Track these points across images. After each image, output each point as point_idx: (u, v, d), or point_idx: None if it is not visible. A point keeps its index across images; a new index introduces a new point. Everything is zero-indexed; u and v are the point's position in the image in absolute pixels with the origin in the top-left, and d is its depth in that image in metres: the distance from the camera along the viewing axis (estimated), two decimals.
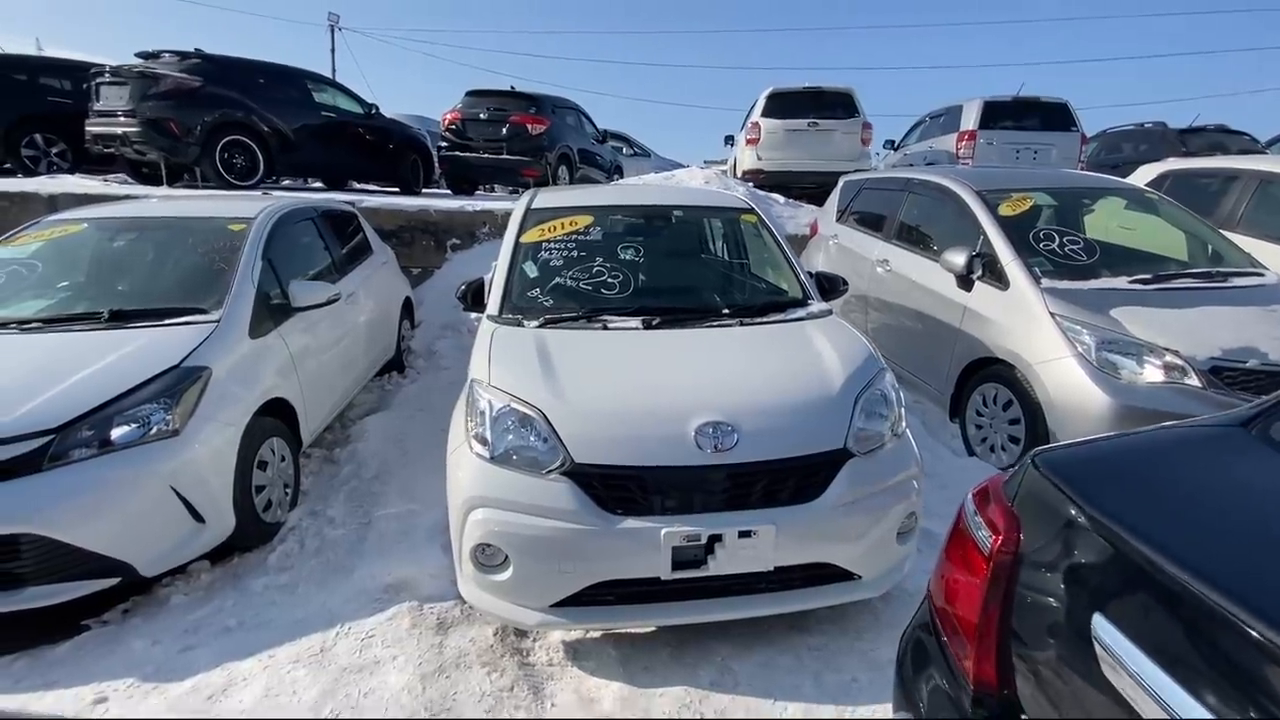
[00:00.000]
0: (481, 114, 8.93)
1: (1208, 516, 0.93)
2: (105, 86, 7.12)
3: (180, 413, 2.63)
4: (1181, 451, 1.08)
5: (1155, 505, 0.94)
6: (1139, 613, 0.85)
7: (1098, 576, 0.91)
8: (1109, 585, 0.89)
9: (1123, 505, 0.93)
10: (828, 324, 2.80)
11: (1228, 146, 9.20)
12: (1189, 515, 0.93)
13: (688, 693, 2.09)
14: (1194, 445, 1.09)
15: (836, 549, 2.18)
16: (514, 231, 3.21)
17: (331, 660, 2.20)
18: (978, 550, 1.11)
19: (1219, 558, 0.83)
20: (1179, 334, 3.04)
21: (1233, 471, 1.01)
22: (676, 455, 2.07)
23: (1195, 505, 0.95)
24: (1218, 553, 0.84)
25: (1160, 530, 0.88)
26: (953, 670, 1.15)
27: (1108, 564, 0.90)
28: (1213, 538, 0.88)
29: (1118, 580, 0.88)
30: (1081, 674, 0.91)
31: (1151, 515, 0.91)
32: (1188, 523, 0.91)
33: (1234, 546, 0.86)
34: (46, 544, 2.32)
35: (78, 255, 3.55)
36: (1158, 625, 0.82)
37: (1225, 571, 0.79)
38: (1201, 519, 0.92)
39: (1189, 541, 0.86)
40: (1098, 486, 0.98)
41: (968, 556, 1.14)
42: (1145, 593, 0.85)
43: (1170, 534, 0.87)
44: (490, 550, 2.10)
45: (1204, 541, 0.87)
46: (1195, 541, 0.86)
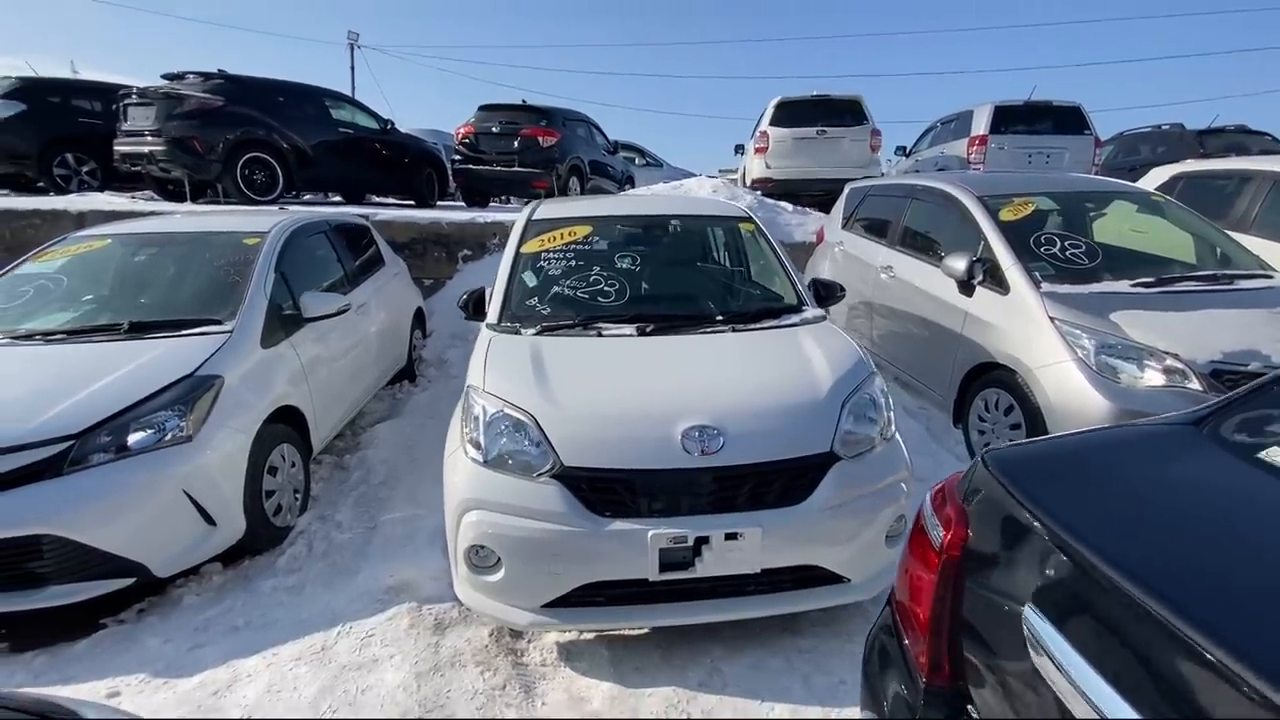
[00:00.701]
0: (494, 127, 9.10)
1: (1143, 514, 0.95)
2: (133, 107, 7.40)
3: (194, 419, 2.74)
4: (1130, 450, 1.10)
5: (1092, 502, 0.97)
6: (1068, 606, 0.88)
7: (1032, 570, 0.94)
8: (1042, 579, 0.92)
9: (1059, 502, 0.96)
10: (820, 329, 2.83)
11: (1248, 147, 9.04)
12: (1124, 512, 0.95)
13: (676, 693, 2.12)
14: (1143, 444, 1.11)
15: (824, 551, 2.21)
16: (515, 242, 3.30)
17: (332, 658, 2.27)
18: (931, 547, 1.15)
19: (1146, 554, 0.86)
20: (1180, 337, 3.01)
21: (1176, 470, 1.03)
22: (663, 458, 2.11)
23: (1132, 503, 0.97)
24: (1145, 549, 0.87)
25: (1092, 526, 0.91)
26: (909, 666, 1.18)
27: (1042, 558, 0.93)
28: (1143, 535, 0.91)
29: (1050, 574, 0.91)
30: (1019, 666, 0.94)
31: (1086, 512, 0.94)
32: (1121, 520, 0.93)
33: (1163, 544, 0.89)
34: (66, 545, 2.43)
35: (101, 269, 3.70)
36: (1084, 618, 0.85)
37: (1150, 568, 0.82)
38: (1136, 516, 0.95)
39: (1119, 538, 0.89)
40: (1038, 484, 1.01)
41: (923, 553, 1.18)
42: (1074, 587, 0.88)
43: (1102, 530, 0.90)
44: (483, 552, 2.16)
45: (1134, 538, 0.90)
46: (1125, 538, 0.89)
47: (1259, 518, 0.90)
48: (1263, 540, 0.87)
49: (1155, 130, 10.35)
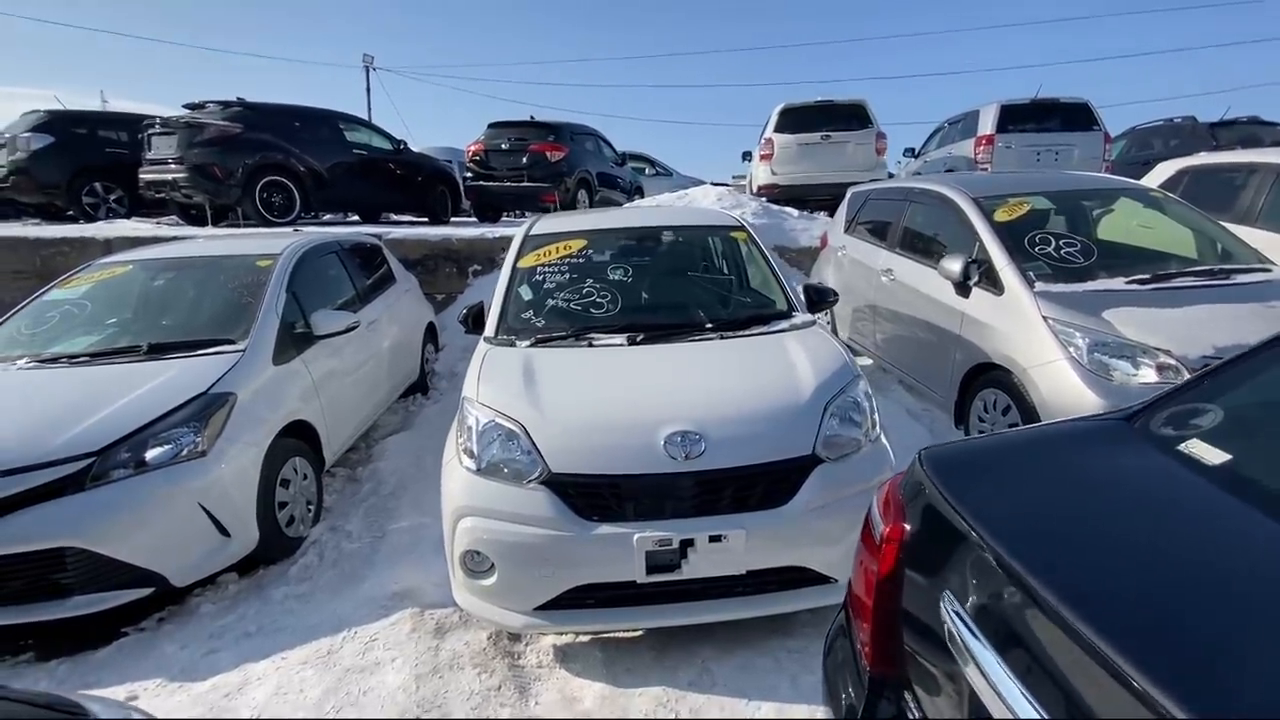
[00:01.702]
0: (503, 144, 9.29)
1: (1056, 509, 1.00)
2: (156, 136, 7.71)
3: (208, 435, 2.88)
4: (1058, 447, 1.14)
5: (1010, 499, 1.02)
6: (980, 599, 0.93)
7: (952, 564, 0.99)
8: (959, 573, 0.97)
9: (980, 496, 1.01)
10: (807, 334, 2.88)
11: (1261, 138, 8.88)
12: (1038, 508, 1.00)
13: (666, 693, 2.18)
14: (1073, 440, 1.16)
15: (809, 552, 2.25)
16: (512, 257, 3.40)
17: (337, 661, 2.37)
18: (874, 542, 1.20)
19: (1052, 549, 0.90)
20: (1172, 334, 3.01)
21: (1099, 465, 1.08)
22: (647, 463, 2.18)
23: (1048, 498, 1.02)
24: (1052, 544, 0.92)
25: (1005, 522, 0.96)
26: (856, 656, 1.23)
27: (960, 553, 0.98)
28: (1052, 530, 0.95)
29: (965, 568, 0.96)
30: (938, 652, 0.99)
31: (1003, 508, 0.99)
32: (1034, 515, 0.98)
33: (1070, 539, 0.93)
34: (88, 556, 2.57)
35: (123, 294, 3.89)
36: (992, 611, 0.90)
37: (1052, 562, 0.87)
38: (1049, 512, 0.99)
39: (1029, 533, 0.93)
40: (963, 481, 1.06)
41: (869, 548, 1.23)
42: (985, 580, 0.93)
43: (1013, 525, 0.95)
44: (478, 557, 2.25)
45: (1043, 533, 0.94)
46: (1035, 533, 0.94)
47: (1168, 511, 0.94)
48: (1168, 534, 0.91)
49: (1167, 124, 10.22)
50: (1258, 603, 0.76)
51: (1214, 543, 0.84)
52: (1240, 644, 0.70)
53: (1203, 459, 1.00)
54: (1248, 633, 0.71)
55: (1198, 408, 1.14)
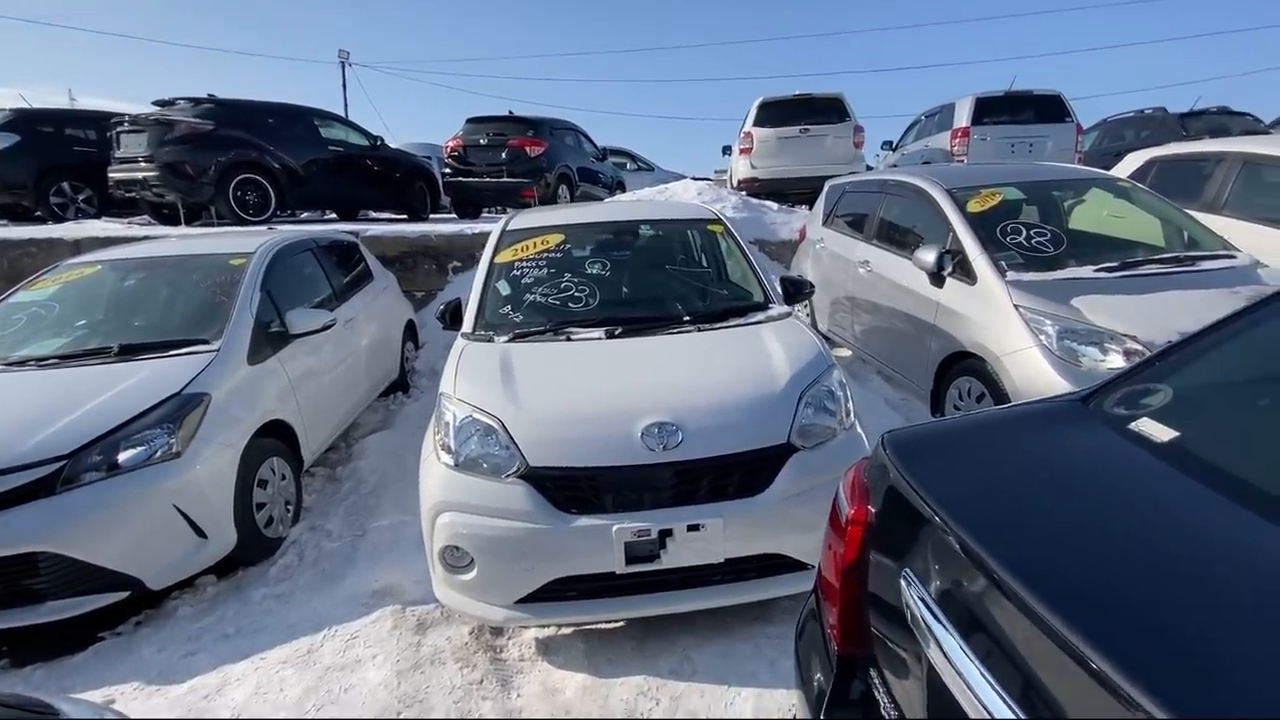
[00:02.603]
0: (482, 139, 9.22)
1: (1010, 488, 1.03)
2: (125, 134, 7.55)
3: (182, 436, 2.84)
4: (1015, 428, 1.18)
5: (965, 476, 1.04)
6: (937, 574, 0.96)
7: (911, 544, 1.02)
8: (918, 552, 1.00)
9: (936, 477, 1.03)
10: (783, 325, 2.91)
11: (1229, 128, 9.07)
12: (993, 487, 1.03)
13: (647, 681, 2.20)
14: (1029, 421, 1.19)
15: (787, 540, 2.28)
16: (489, 252, 3.39)
17: (317, 660, 2.36)
18: (840, 525, 1.23)
19: (1005, 527, 0.93)
20: (1138, 320, 3.08)
21: (1053, 445, 1.11)
22: (624, 455, 2.20)
23: (1003, 478, 1.05)
24: (1006, 522, 0.95)
25: (963, 500, 0.98)
26: (825, 638, 1.26)
27: (919, 533, 1.01)
28: (1006, 508, 0.98)
29: (921, 542, 0.99)
30: (900, 629, 1.02)
31: (957, 485, 1.02)
32: (988, 494, 1.01)
33: (1023, 517, 0.96)
34: (62, 561, 2.53)
35: (92, 295, 3.82)
36: (947, 588, 0.93)
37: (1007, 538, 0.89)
38: (1003, 490, 1.02)
39: (983, 511, 0.96)
40: (922, 462, 1.09)
41: (835, 529, 1.26)
42: (938, 552, 0.96)
43: (971, 503, 0.98)
44: (457, 552, 2.25)
45: (997, 512, 0.97)
46: (989, 511, 0.97)
47: (1119, 489, 0.97)
48: (1120, 512, 0.94)
49: (1138, 115, 10.39)
50: (1210, 577, 0.78)
51: (1164, 520, 0.87)
52: (1196, 619, 0.72)
53: (1152, 436, 1.03)
54: (1203, 608, 0.73)
55: (1148, 388, 1.17)
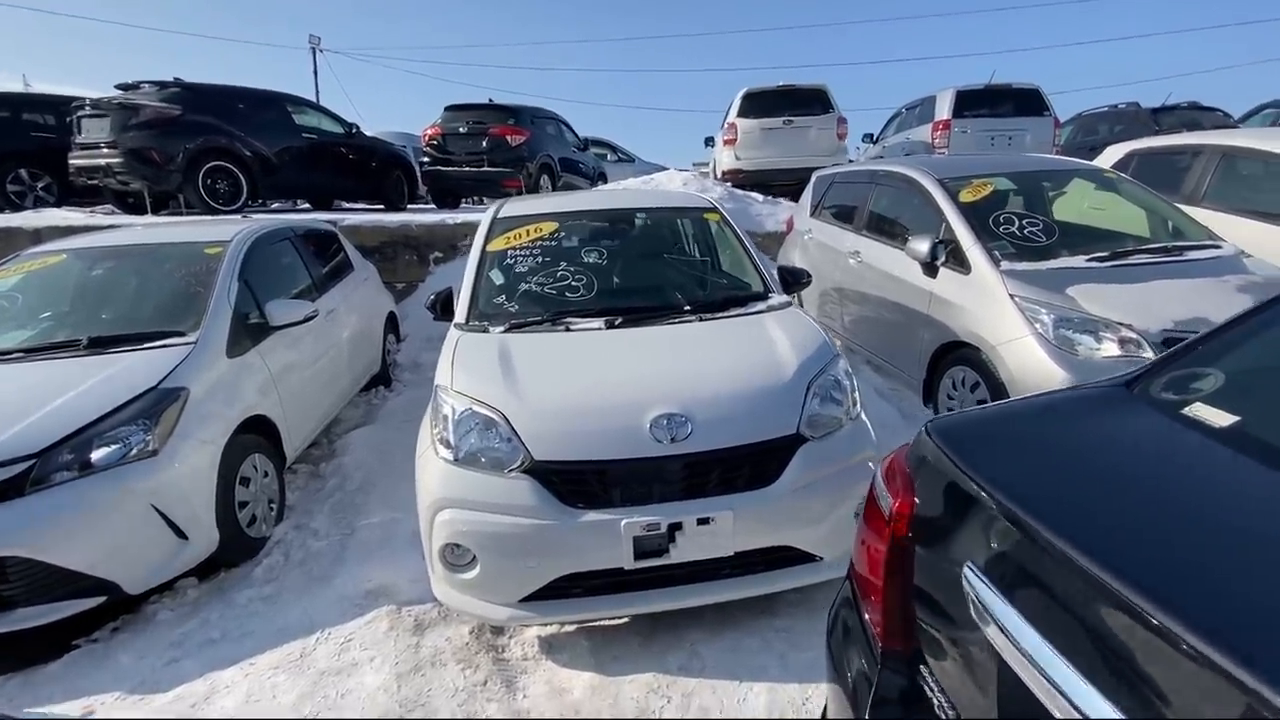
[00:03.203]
0: (461, 128, 9.03)
1: (1075, 473, 0.99)
2: (86, 119, 7.22)
3: (159, 433, 2.70)
4: (1064, 413, 1.14)
5: (1027, 465, 1.01)
6: (1006, 566, 0.92)
7: (973, 534, 0.97)
8: (981, 541, 0.95)
9: (995, 464, 0.99)
10: (785, 315, 2.87)
11: (1200, 123, 9.29)
12: (1057, 472, 0.99)
13: (656, 678, 2.15)
14: (1077, 407, 1.16)
15: (796, 532, 2.25)
16: (480, 241, 3.29)
17: (311, 664, 2.27)
18: (881, 516, 1.18)
19: (1078, 512, 0.89)
20: (1133, 309, 3.10)
21: (1107, 430, 1.08)
22: (633, 448, 2.13)
23: (1066, 463, 1.02)
24: (1078, 507, 0.91)
25: (1027, 487, 0.94)
26: (867, 635, 1.21)
27: (981, 522, 0.96)
28: (1075, 493, 0.94)
29: (988, 536, 0.94)
30: (959, 623, 0.98)
31: (1021, 474, 0.98)
32: (1054, 479, 0.97)
33: (1093, 501, 0.92)
34: (33, 566, 2.39)
35: (58, 285, 3.63)
36: (1021, 578, 0.89)
37: (1082, 525, 0.86)
38: (1069, 475, 0.99)
39: (1052, 497, 0.92)
40: (977, 449, 1.04)
41: (874, 522, 1.21)
42: (1011, 547, 0.92)
43: (1036, 490, 0.94)
44: (458, 550, 2.17)
45: (1067, 497, 0.93)
46: (1058, 497, 0.93)
47: (1183, 471, 0.95)
48: (1186, 492, 0.92)
49: (1112, 109, 10.60)
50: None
51: (1241, 504, 0.84)
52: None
53: (1209, 421, 1.00)
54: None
55: (1195, 373, 1.15)
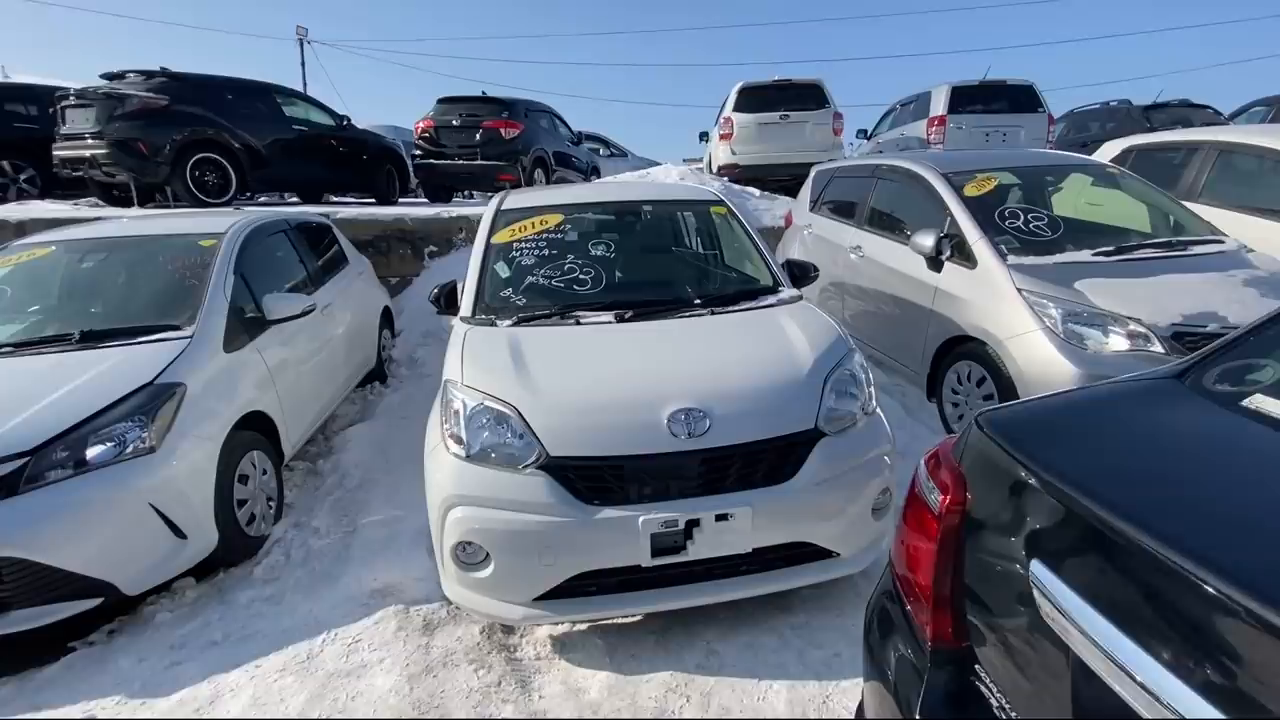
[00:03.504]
0: (454, 120, 8.92)
1: (1141, 464, 0.97)
2: (71, 109, 7.05)
3: (157, 429, 2.63)
4: (1118, 405, 1.12)
5: (1090, 455, 0.98)
6: (1075, 558, 0.89)
7: (1037, 527, 0.94)
8: (1047, 534, 0.93)
9: (1059, 456, 0.96)
10: (797, 309, 2.84)
11: (1191, 120, 9.37)
12: (1123, 464, 0.96)
13: (674, 677, 2.12)
14: (1131, 398, 1.13)
15: (814, 527, 2.22)
16: (485, 233, 3.23)
17: (318, 666, 2.21)
18: (929, 512, 1.15)
19: (1151, 503, 0.86)
20: (1141, 303, 3.10)
21: (1166, 421, 1.05)
22: (650, 443, 2.09)
23: (1129, 454, 0.99)
24: (1150, 498, 0.88)
25: (1093, 478, 0.91)
26: (913, 631, 1.18)
27: (1046, 514, 0.93)
28: (1145, 484, 0.92)
29: (1054, 528, 0.92)
30: (1023, 621, 0.94)
31: (1086, 464, 0.95)
32: (1121, 471, 0.94)
33: (1165, 492, 0.90)
34: (27, 567, 2.31)
35: (47, 278, 3.53)
36: (1092, 568, 0.86)
37: (1152, 513, 0.83)
38: (1135, 467, 0.96)
39: (1120, 487, 0.90)
40: (1036, 441, 1.01)
41: (921, 519, 1.18)
42: (1080, 539, 0.89)
43: (1103, 481, 0.91)
44: (471, 548, 2.12)
45: (1137, 488, 0.90)
46: (1128, 488, 0.90)
47: (1256, 463, 0.92)
48: (1262, 484, 0.89)
49: (1104, 107, 10.67)
50: None
51: None
52: None
53: (1273, 413, 0.98)
54: None
55: (1249, 364, 1.13)
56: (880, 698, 1.26)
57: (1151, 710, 0.71)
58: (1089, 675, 0.81)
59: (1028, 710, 0.95)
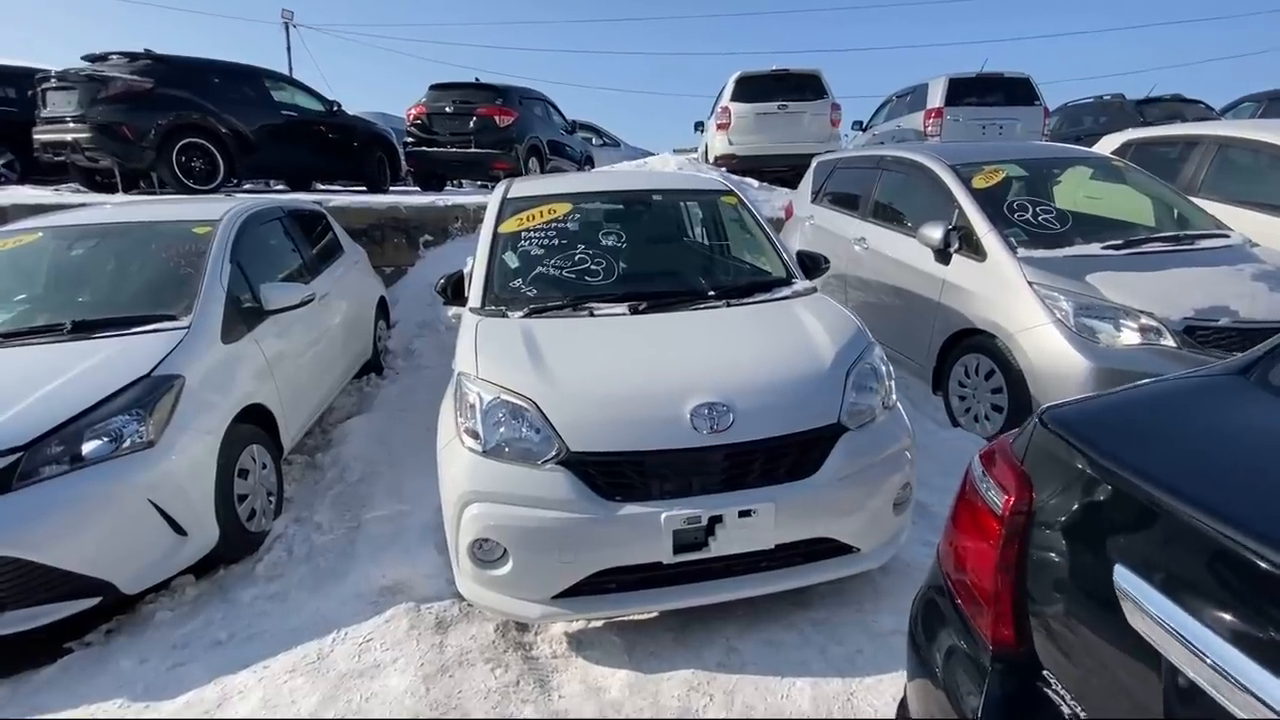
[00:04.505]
0: (447, 107, 8.77)
1: (1220, 460, 0.93)
2: (52, 92, 6.82)
3: (155, 423, 2.54)
4: (1186, 400, 1.09)
5: (1167, 452, 0.94)
6: (1160, 559, 0.85)
7: (1116, 528, 0.91)
8: (1128, 535, 0.89)
9: (1136, 454, 0.93)
10: (814, 301, 2.81)
11: (1184, 115, 9.43)
12: (1201, 460, 0.93)
13: (695, 675, 2.08)
14: (1198, 394, 1.10)
15: (835, 523, 2.19)
16: (491, 222, 3.16)
17: (330, 667, 2.15)
18: (989, 513, 1.11)
19: (1236, 498, 0.83)
20: (1153, 296, 3.10)
21: (1238, 416, 1.02)
22: (673, 438, 2.05)
23: (1206, 450, 0.96)
24: (1234, 494, 0.85)
25: (1175, 476, 0.88)
26: (970, 632, 1.15)
27: (1125, 514, 0.90)
28: (1227, 480, 0.89)
29: (1137, 529, 0.88)
30: (1101, 626, 0.91)
31: (1165, 462, 0.91)
32: (1201, 467, 0.91)
33: (1249, 487, 0.87)
34: (21, 566, 2.23)
35: (34, 266, 3.41)
36: (1181, 571, 0.83)
37: (1243, 511, 0.80)
38: (1214, 463, 0.93)
39: (1204, 485, 0.86)
40: (1109, 438, 0.98)
41: (978, 520, 1.14)
42: (1165, 539, 0.85)
43: (1185, 479, 0.87)
44: (488, 545, 2.07)
45: (1219, 484, 0.87)
46: (1211, 484, 0.87)
47: None
48: None
49: (1097, 101, 10.71)
50: None
51: None
52: None
53: None
54: None
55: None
56: (928, 696, 1.23)
57: (1259, 715, 0.68)
58: (1184, 685, 0.77)
59: (1106, 716, 0.92)
